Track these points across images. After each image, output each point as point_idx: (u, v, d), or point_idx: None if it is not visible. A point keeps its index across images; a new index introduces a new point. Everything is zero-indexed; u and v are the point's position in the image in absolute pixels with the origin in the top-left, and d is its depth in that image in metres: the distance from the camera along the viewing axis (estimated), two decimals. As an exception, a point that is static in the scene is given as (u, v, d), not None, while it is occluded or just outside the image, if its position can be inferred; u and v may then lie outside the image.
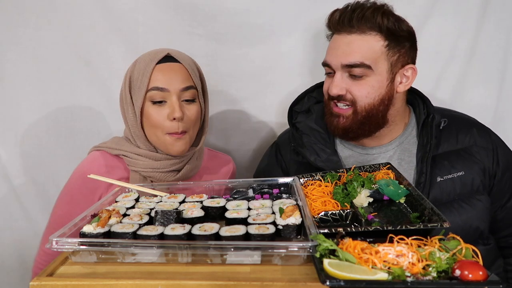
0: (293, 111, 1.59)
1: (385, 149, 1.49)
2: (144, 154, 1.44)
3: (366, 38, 1.35)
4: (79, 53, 1.82)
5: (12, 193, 1.89)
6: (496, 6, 1.82)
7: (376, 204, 1.17)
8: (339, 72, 1.39)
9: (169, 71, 1.39)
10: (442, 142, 1.44)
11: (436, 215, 0.99)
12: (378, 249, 0.85)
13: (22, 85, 1.83)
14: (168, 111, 1.37)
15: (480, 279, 0.77)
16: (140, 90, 1.38)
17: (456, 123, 1.48)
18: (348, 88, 1.38)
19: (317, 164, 1.45)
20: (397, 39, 1.37)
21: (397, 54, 1.38)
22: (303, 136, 1.52)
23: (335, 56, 1.39)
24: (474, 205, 1.39)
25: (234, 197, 1.23)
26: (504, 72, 1.87)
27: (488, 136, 1.47)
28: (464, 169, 1.40)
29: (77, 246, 0.93)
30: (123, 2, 1.79)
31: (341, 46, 1.37)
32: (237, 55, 1.86)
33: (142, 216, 1.08)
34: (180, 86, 1.38)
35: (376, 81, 1.36)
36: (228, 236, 0.95)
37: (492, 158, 1.43)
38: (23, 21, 1.77)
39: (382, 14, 1.34)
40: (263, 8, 1.81)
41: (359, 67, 1.35)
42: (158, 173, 1.43)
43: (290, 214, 1.00)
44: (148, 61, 1.39)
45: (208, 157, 1.65)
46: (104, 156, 1.47)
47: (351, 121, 1.40)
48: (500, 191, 1.45)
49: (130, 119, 1.43)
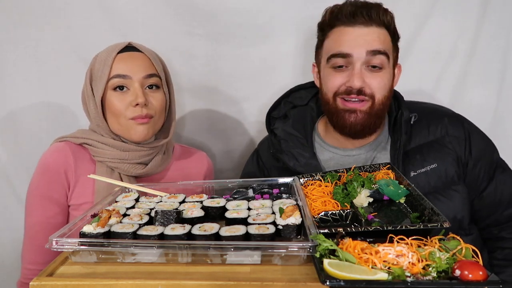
0: (271, 117, 1.59)
1: (365, 150, 1.49)
2: (111, 144, 1.41)
3: (382, 32, 1.39)
4: (79, 53, 1.82)
5: (12, 193, 1.89)
6: (496, 6, 1.82)
7: (376, 204, 1.17)
8: (359, 63, 1.37)
9: (131, 59, 1.39)
10: (414, 136, 1.44)
11: (436, 215, 0.99)
12: (378, 249, 0.85)
13: (22, 85, 1.83)
14: (131, 98, 1.36)
15: (480, 279, 0.77)
16: (101, 79, 1.37)
17: (427, 115, 1.48)
18: (367, 81, 1.37)
19: (296, 169, 1.45)
20: (395, 38, 1.44)
21: (396, 52, 1.45)
22: (281, 142, 1.52)
23: (357, 45, 1.36)
24: (450, 196, 1.38)
25: (234, 197, 1.23)
26: (504, 72, 1.87)
27: (461, 124, 1.46)
28: (436, 161, 1.40)
29: (77, 246, 0.93)
30: (123, 2, 1.79)
31: (362, 36, 1.37)
32: (237, 55, 1.86)
33: (142, 216, 1.08)
34: (142, 74, 1.38)
35: (389, 74, 1.41)
36: (228, 236, 0.94)
37: (464, 147, 1.42)
38: (23, 21, 1.77)
39: (387, 12, 1.39)
40: (263, 8, 1.81)
41: (382, 54, 1.36)
42: (126, 164, 1.41)
43: (290, 214, 1.00)
44: (109, 51, 1.39)
45: (179, 152, 1.63)
46: (69, 146, 1.42)
47: (368, 116, 1.39)
48: (474, 180, 1.43)
49: (92, 111, 1.41)
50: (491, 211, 1.45)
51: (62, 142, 1.45)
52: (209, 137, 2.00)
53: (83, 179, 1.37)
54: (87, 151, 1.44)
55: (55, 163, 1.37)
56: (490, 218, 1.46)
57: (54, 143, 1.47)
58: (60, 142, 1.45)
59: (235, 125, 1.97)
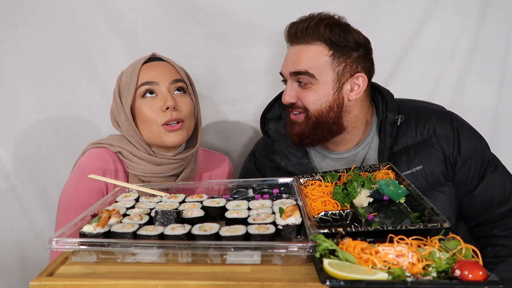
0: (265, 119, 1.62)
1: (355, 152, 1.51)
2: (145, 158, 1.42)
3: (311, 48, 1.40)
4: (79, 53, 1.82)
5: (12, 193, 1.89)
6: (496, 6, 1.82)
7: (376, 204, 1.17)
8: (289, 81, 1.45)
9: (157, 67, 1.42)
10: (401, 138, 1.45)
11: (436, 215, 0.99)
12: (378, 249, 0.85)
13: (22, 85, 1.83)
14: (161, 103, 1.38)
15: (480, 279, 0.77)
16: (129, 90, 1.39)
17: (416, 115, 1.48)
18: (298, 96, 1.43)
19: (288, 169, 1.49)
20: (342, 49, 1.40)
21: (343, 64, 1.40)
22: (274, 142, 1.55)
23: (286, 66, 1.46)
24: (436, 197, 1.39)
25: (234, 197, 1.23)
26: (504, 72, 1.87)
27: (449, 123, 1.46)
28: (422, 162, 1.41)
29: (77, 246, 0.93)
30: (123, 2, 1.79)
31: (290, 56, 1.45)
32: (237, 55, 1.87)
33: (142, 216, 1.08)
34: (169, 79, 1.41)
35: (322, 89, 1.40)
36: (228, 236, 0.94)
37: (452, 146, 1.43)
38: (23, 21, 1.77)
39: (325, 25, 1.38)
40: (263, 8, 1.81)
41: (304, 74, 1.40)
42: (158, 178, 1.42)
43: (290, 214, 1.00)
44: (135, 64, 1.42)
45: (203, 158, 1.64)
46: (108, 153, 1.42)
47: (304, 127, 1.44)
48: (464, 178, 1.43)
49: (123, 123, 1.42)
50: (483, 210, 1.45)
51: (101, 148, 1.44)
52: (209, 137, 2.00)
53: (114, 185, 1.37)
54: (123, 162, 1.44)
55: (96, 170, 1.36)
56: (482, 216, 1.46)
57: (90, 148, 1.46)
58: (99, 148, 1.44)
59: (235, 125, 1.97)
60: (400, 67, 1.90)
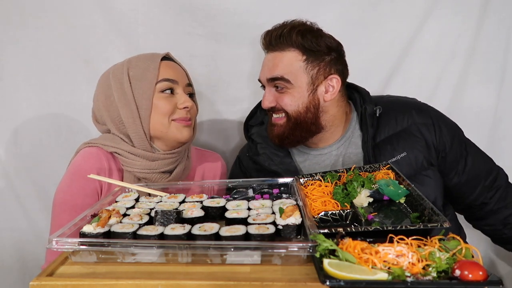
0: (249, 125, 1.68)
1: (335, 147, 1.56)
2: (140, 154, 1.42)
3: (285, 55, 1.46)
4: (79, 52, 1.82)
5: (12, 193, 1.89)
6: (496, 6, 1.82)
7: (376, 204, 1.17)
8: (267, 87, 1.52)
9: (175, 67, 1.49)
10: (382, 128, 1.51)
11: (436, 215, 0.99)
12: (378, 249, 0.85)
13: (22, 85, 1.83)
14: (178, 101, 1.44)
15: (480, 279, 0.77)
16: (149, 82, 1.41)
17: (394, 107, 1.54)
18: (276, 100, 1.49)
19: (271, 168, 1.55)
20: (315, 54, 1.45)
21: (317, 68, 1.46)
22: (257, 145, 1.62)
23: (263, 72, 1.52)
24: (422, 181, 1.44)
25: (234, 197, 1.23)
26: (504, 72, 1.87)
27: (427, 112, 1.53)
28: (405, 149, 1.47)
29: (77, 246, 0.93)
30: (123, 2, 1.79)
31: (266, 63, 1.51)
32: (237, 55, 1.87)
33: (142, 216, 1.08)
34: (185, 82, 1.49)
35: (297, 92, 1.46)
36: (228, 236, 0.95)
37: (434, 132, 1.49)
38: (23, 21, 1.77)
39: (297, 32, 1.44)
40: (263, 8, 1.81)
41: (280, 80, 1.46)
42: (154, 174, 1.43)
43: (290, 214, 1.00)
44: (150, 58, 1.45)
45: (196, 156, 1.65)
46: (102, 152, 1.42)
47: (284, 129, 1.50)
48: (454, 158, 1.51)
49: (125, 115, 1.40)
50: (474, 184, 1.54)
51: (94, 147, 1.42)
52: (209, 137, 2.00)
53: (114, 186, 1.36)
54: (117, 160, 1.44)
55: (90, 169, 1.36)
56: (475, 193, 1.54)
57: (83, 147, 1.45)
58: (92, 147, 1.43)
59: (235, 125, 1.97)
60: (400, 67, 1.90)
